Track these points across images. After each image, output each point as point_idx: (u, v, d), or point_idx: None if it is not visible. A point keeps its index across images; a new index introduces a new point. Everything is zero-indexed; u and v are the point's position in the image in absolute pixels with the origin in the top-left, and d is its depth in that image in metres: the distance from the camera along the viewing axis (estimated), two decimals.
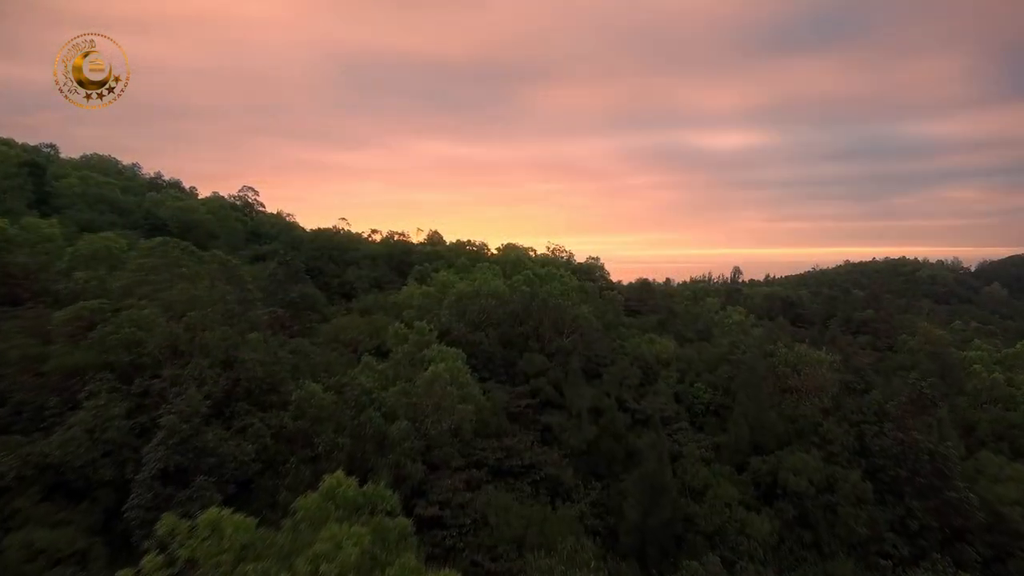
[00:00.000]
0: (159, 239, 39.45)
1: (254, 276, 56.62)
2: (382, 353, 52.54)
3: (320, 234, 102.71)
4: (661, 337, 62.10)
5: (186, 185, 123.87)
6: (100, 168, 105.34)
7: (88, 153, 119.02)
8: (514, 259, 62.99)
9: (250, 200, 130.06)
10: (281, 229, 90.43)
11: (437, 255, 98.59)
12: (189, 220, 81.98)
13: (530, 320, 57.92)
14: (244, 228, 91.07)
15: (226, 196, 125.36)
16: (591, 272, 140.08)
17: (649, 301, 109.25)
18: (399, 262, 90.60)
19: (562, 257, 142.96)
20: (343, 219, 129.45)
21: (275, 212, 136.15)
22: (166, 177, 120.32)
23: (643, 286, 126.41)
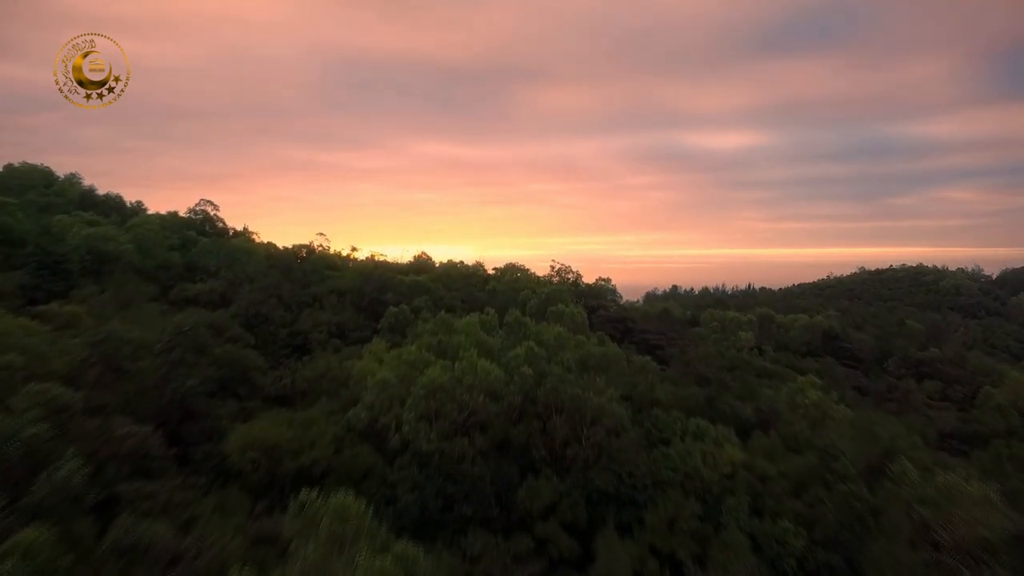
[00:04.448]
0: None
1: (134, 351, 39.46)
2: (313, 479, 35.47)
3: (279, 260, 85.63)
4: (715, 425, 45.06)
5: (131, 199, 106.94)
6: (18, 182, 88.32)
7: (16, 163, 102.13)
8: (513, 320, 45.78)
9: (211, 214, 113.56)
10: (224, 259, 73.13)
11: (420, 288, 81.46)
12: (103, 252, 64.94)
13: (534, 414, 40.91)
14: (180, 259, 73.75)
15: (183, 213, 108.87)
16: (601, 295, 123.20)
17: (677, 341, 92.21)
18: (371, 300, 73.44)
19: (569, 278, 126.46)
20: (321, 234, 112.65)
21: (242, 228, 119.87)
22: (104, 190, 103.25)
23: (663, 317, 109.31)
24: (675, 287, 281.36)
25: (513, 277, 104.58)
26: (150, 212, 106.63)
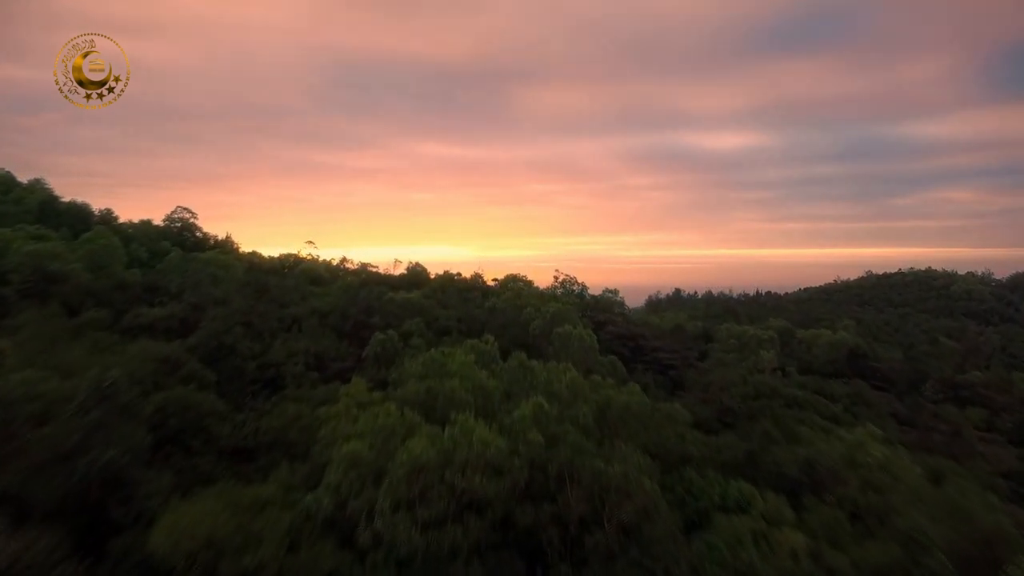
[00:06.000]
0: None
1: (45, 408, 31.60)
2: None
3: (257, 276, 77.70)
4: (760, 490, 37.25)
5: (99, 208, 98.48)
6: None
7: None
8: (517, 364, 37.96)
9: (189, 222, 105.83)
10: (190, 277, 64.91)
11: (411, 307, 73.50)
12: (49, 272, 56.98)
13: (543, 486, 33.01)
14: (141, 278, 65.64)
15: (159, 222, 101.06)
16: (608, 308, 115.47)
17: (694, 362, 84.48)
18: (356, 324, 65.51)
19: (574, 290, 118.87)
20: (310, 242, 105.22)
21: (224, 237, 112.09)
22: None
23: (676, 333, 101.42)
24: (678, 290, 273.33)
25: (515, 291, 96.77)
26: (122, 221, 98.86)
